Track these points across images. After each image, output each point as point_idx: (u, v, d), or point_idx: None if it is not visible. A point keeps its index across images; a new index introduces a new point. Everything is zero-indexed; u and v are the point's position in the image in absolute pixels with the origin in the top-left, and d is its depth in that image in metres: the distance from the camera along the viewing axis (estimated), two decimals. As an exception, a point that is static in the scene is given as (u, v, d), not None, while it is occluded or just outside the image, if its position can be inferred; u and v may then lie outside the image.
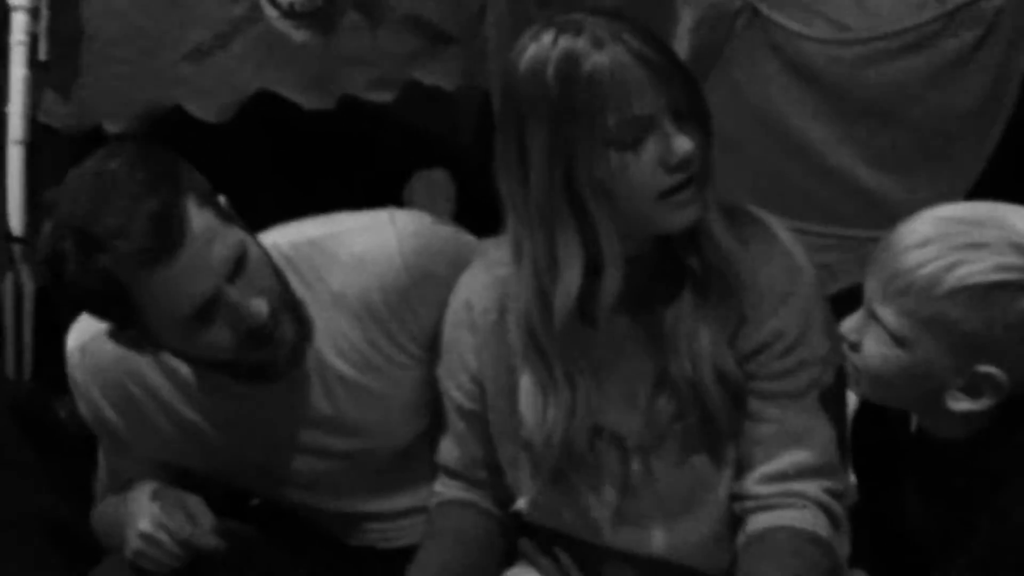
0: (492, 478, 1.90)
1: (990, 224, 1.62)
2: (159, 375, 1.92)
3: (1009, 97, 2.44)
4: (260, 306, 1.76)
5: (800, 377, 1.75)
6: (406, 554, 1.90)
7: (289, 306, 1.83)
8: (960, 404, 1.66)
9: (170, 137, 2.55)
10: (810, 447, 1.75)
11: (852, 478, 1.92)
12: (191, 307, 1.73)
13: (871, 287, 1.67)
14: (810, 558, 1.71)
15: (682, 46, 2.48)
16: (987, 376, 1.63)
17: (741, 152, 2.56)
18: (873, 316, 1.67)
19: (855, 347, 1.70)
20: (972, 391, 1.65)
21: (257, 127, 2.67)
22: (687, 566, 1.80)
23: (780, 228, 1.81)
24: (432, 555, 1.86)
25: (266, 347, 1.80)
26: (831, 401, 1.76)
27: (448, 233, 1.94)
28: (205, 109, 2.56)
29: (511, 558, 1.93)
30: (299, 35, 2.51)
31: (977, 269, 1.60)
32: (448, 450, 1.93)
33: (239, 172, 2.01)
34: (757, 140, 2.56)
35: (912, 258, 1.62)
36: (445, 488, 1.93)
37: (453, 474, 1.93)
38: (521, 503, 1.86)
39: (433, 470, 1.95)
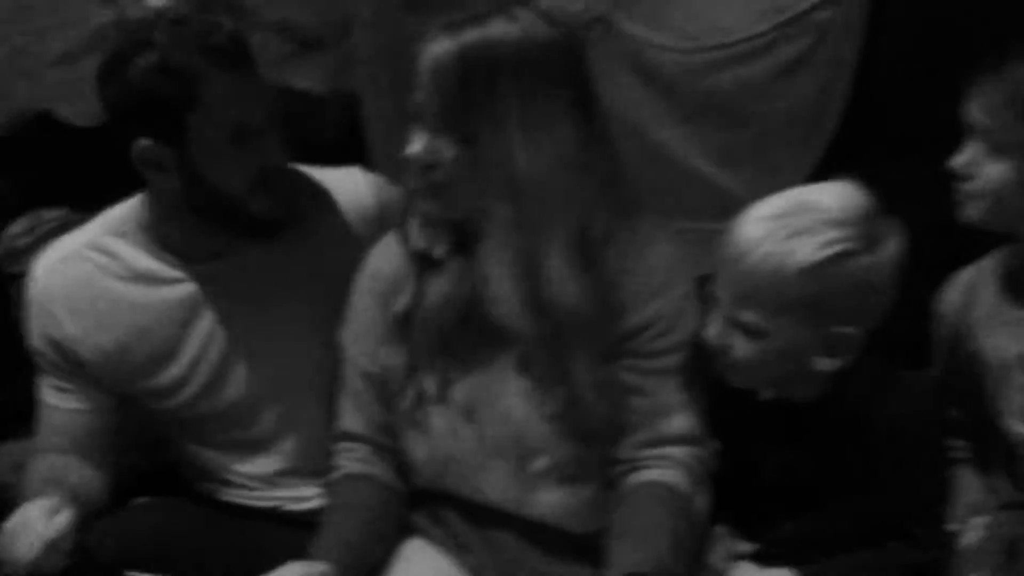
0: (393, 444, 1.99)
1: (802, 211, 1.84)
2: (121, 284, 2.06)
3: (839, 97, 2.64)
4: (282, 154, 1.98)
5: (673, 357, 1.93)
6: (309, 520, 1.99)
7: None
8: (825, 365, 1.87)
9: (40, 140, 2.66)
10: (678, 419, 1.92)
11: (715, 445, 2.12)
12: (239, 123, 1.95)
13: (723, 297, 1.88)
14: (673, 506, 1.88)
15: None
16: (842, 335, 1.85)
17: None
18: (734, 322, 1.87)
19: (725, 351, 1.90)
20: (831, 351, 1.86)
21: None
22: (567, 528, 1.94)
23: (659, 223, 1.97)
24: (335, 531, 1.93)
25: (274, 194, 2.00)
26: (696, 380, 1.95)
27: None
28: (76, 113, 2.65)
29: (407, 531, 2.01)
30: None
31: (807, 252, 1.80)
32: (350, 416, 2.01)
33: (109, 175, 2.07)
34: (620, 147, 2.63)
35: (749, 262, 1.83)
36: (347, 461, 2.01)
37: (356, 439, 2.00)
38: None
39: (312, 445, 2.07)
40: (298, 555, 1.88)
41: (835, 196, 1.84)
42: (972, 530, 1.74)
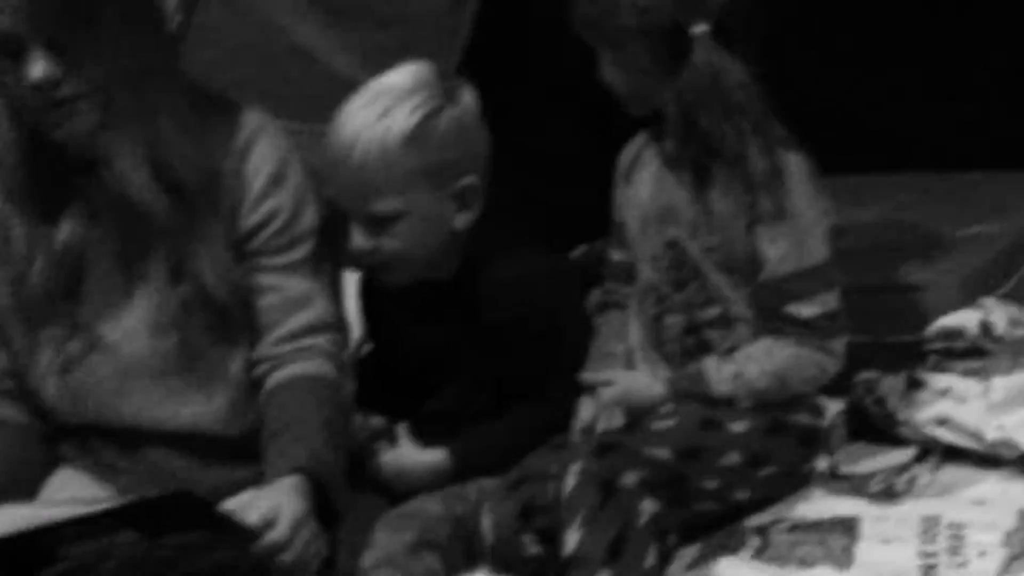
0: (20, 386, 1.95)
1: (381, 94, 1.95)
2: None
3: (471, 4, 2.74)
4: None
5: (297, 250, 1.93)
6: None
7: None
8: (466, 219, 1.98)
9: None
10: (312, 309, 1.93)
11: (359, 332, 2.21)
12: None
13: (346, 203, 1.95)
14: (321, 394, 1.89)
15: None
16: (467, 187, 1.97)
17: (238, 54, 2.71)
18: (371, 218, 1.94)
19: (374, 253, 1.96)
20: (464, 204, 1.97)
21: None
22: (217, 433, 1.93)
23: (266, 117, 1.94)
24: None
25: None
26: (324, 268, 1.99)
27: None
28: None
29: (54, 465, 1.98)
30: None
31: (400, 123, 1.92)
32: None
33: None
34: (253, 41, 2.73)
35: (357, 155, 1.91)
36: None
37: None
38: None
39: None
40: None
41: (403, 73, 1.98)
42: (570, 475, 1.84)
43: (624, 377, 1.99)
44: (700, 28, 1.87)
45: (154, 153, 1.85)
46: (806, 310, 1.89)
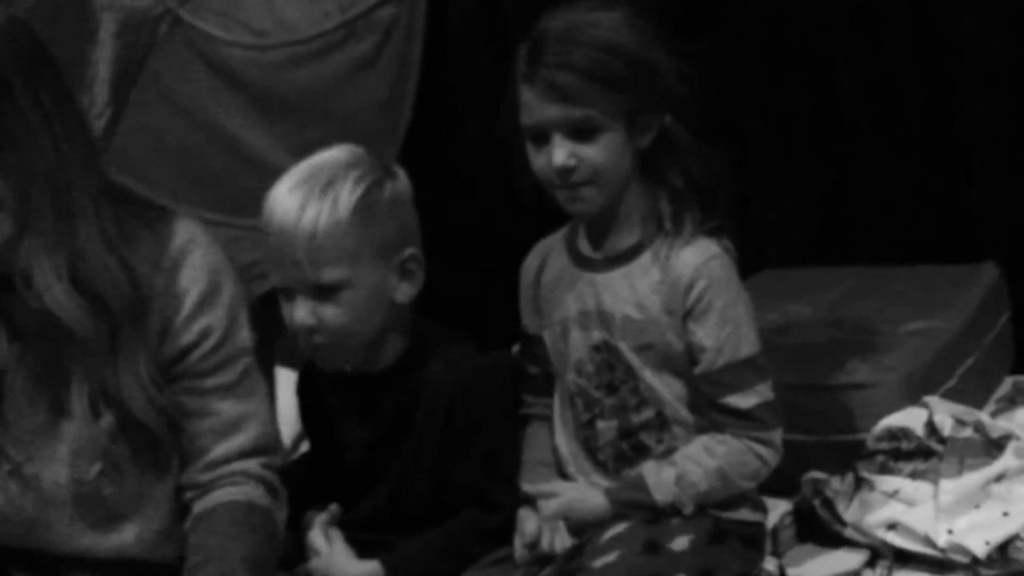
0: None
1: (321, 169, 1.95)
2: None
3: (411, 86, 2.76)
4: None
5: (231, 370, 1.84)
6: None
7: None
8: (408, 291, 1.97)
9: None
10: (247, 431, 1.84)
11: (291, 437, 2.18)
12: None
13: (290, 276, 1.92)
14: (250, 522, 1.80)
15: (105, 51, 2.59)
16: (410, 256, 1.96)
17: (174, 151, 2.69)
18: (315, 291, 1.90)
19: (317, 330, 1.92)
20: (406, 275, 1.96)
21: None
22: (145, 560, 1.84)
23: (199, 228, 1.86)
24: None
25: None
26: (260, 384, 1.91)
27: None
28: None
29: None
30: None
31: (347, 196, 1.91)
32: None
33: None
34: (188, 138, 2.70)
35: (305, 228, 1.89)
36: None
37: None
38: None
39: None
40: None
41: (338, 150, 1.98)
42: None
43: (567, 489, 1.94)
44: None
45: (75, 267, 1.75)
46: (744, 401, 1.87)
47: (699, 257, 1.88)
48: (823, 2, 2.70)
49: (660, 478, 1.88)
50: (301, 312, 1.93)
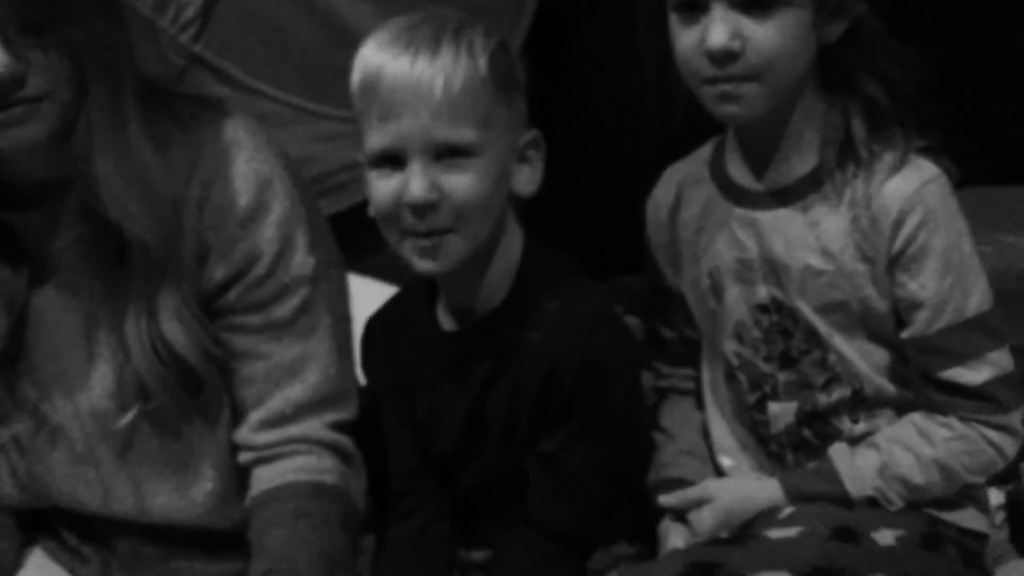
0: None
1: (438, 19, 1.58)
2: None
3: None
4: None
5: (286, 303, 1.57)
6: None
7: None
8: (528, 180, 1.59)
9: None
10: (306, 379, 1.58)
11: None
12: None
13: (407, 139, 1.53)
14: (319, 514, 1.55)
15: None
16: (534, 140, 1.59)
17: (288, 42, 2.50)
18: (440, 152, 1.54)
19: (433, 208, 1.54)
20: (527, 163, 1.60)
21: None
22: (199, 526, 1.63)
23: (245, 128, 1.57)
24: None
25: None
26: (327, 321, 1.59)
27: None
28: None
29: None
30: None
31: (480, 49, 1.55)
32: None
33: None
34: (304, 29, 2.49)
35: (436, 75, 1.53)
36: None
37: None
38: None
39: None
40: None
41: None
42: None
43: (722, 491, 1.58)
44: None
45: (131, 167, 1.49)
46: (973, 375, 1.51)
47: (909, 184, 1.51)
48: None
49: (856, 466, 1.53)
50: (419, 183, 1.54)
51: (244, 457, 1.59)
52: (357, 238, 1.72)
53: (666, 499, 1.60)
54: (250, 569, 1.54)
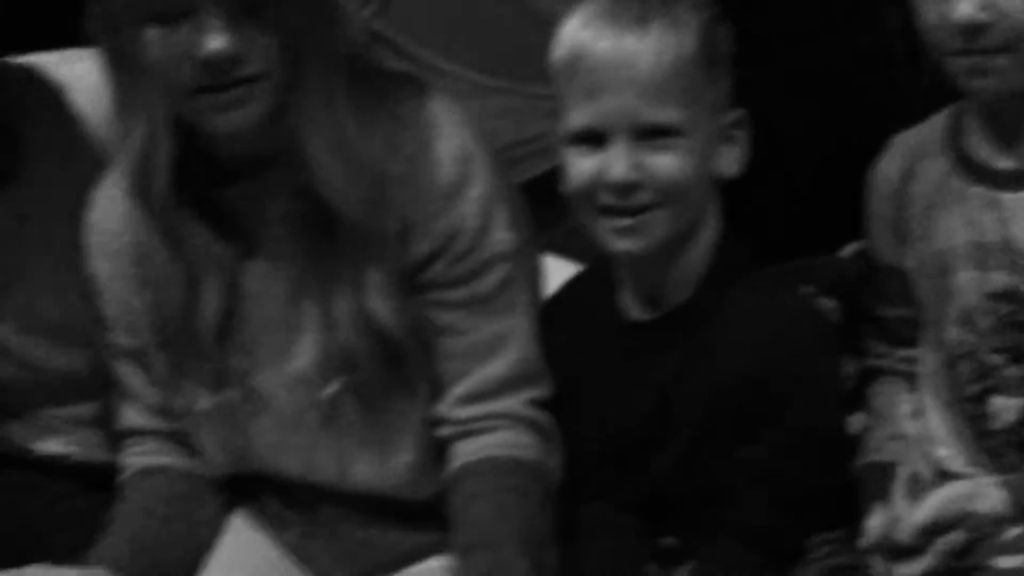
0: (180, 426, 1.70)
1: None
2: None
3: None
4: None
5: (486, 279, 1.59)
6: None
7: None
8: (731, 160, 1.57)
9: None
10: (506, 356, 1.60)
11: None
12: None
13: (611, 119, 1.52)
14: (519, 489, 1.58)
15: None
16: (740, 118, 1.57)
17: (464, 17, 2.45)
18: (638, 138, 1.52)
19: (635, 187, 1.53)
20: (730, 142, 1.57)
21: None
22: (397, 496, 1.67)
23: (446, 105, 1.61)
24: (119, 532, 1.66)
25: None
26: (525, 298, 1.62)
27: None
28: None
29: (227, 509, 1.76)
30: None
31: (691, 25, 1.53)
32: (126, 409, 1.71)
33: None
34: (481, 3, 2.45)
35: (644, 54, 1.51)
36: (134, 457, 1.72)
37: (138, 434, 1.72)
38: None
39: None
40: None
41: None
42: None
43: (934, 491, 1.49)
44: None
45: (343, 145, 1.53)
46: None
47: None
48: None
49: None
50: (620, 163, 1.53)
51: (444, 431, 1.62)
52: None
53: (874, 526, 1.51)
54: (451, 541, 1.57)
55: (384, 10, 2.47)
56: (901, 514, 1.48)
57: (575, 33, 1.55)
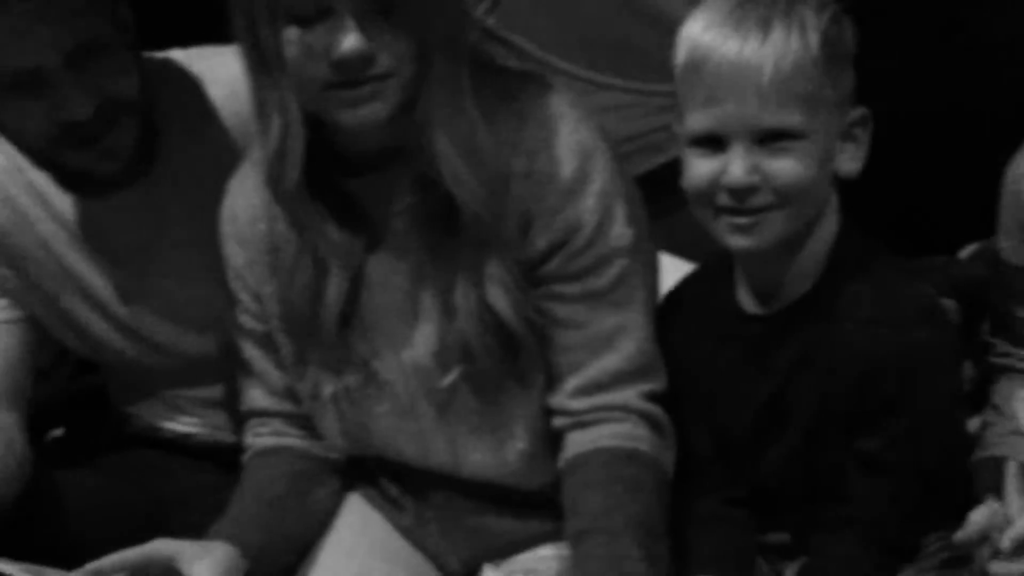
0: (303, 409, 1.75)
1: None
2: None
3: None
4: (85, 104, 1.63)
5: (604, 273, 1.60)
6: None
7: (134, 111, 1.70)
8: (852, 160, 1.56)
9: None
10: (621, 349, 1.61)
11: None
12: (16, 69, 1.62)
13: (730, 123, 1.52)
14: (634, 480, 1.59)
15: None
16: (862, 117, 1.55)
17: (573, 12, 2.43)
18: (756, 141, 1.51)
19: (754, 190, 1.52)
20: (852, 141, 1.56)
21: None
22: (509, 485, 1.70)
23: (567, 100, 1.61)
24: (240, 510, 1.70)
25: (88, 150, 1.68)
26: (642, 293, 1.62)
27: None
28: None
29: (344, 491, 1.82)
30: None
31: (813, 26, 1.51)
32: (250, 391, 1.76)
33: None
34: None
35: (765, 58, 1.50)
36: (256, 437, 1.77)
37: (262, 415, 1.77)
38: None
39: None
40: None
41: None
42: None
43: None
44: None
45: (469, 140, 1.55)
46: None
47: None
48: None
49: None
50: (739, 167, 1.52)
51: (558, 422, 1.63)
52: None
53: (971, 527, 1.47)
54: (565, 529, 1.59)
55: (494, 7, 2.49)
56: (1010, 510, 1.45)
57: (697, 37, 1.54)
